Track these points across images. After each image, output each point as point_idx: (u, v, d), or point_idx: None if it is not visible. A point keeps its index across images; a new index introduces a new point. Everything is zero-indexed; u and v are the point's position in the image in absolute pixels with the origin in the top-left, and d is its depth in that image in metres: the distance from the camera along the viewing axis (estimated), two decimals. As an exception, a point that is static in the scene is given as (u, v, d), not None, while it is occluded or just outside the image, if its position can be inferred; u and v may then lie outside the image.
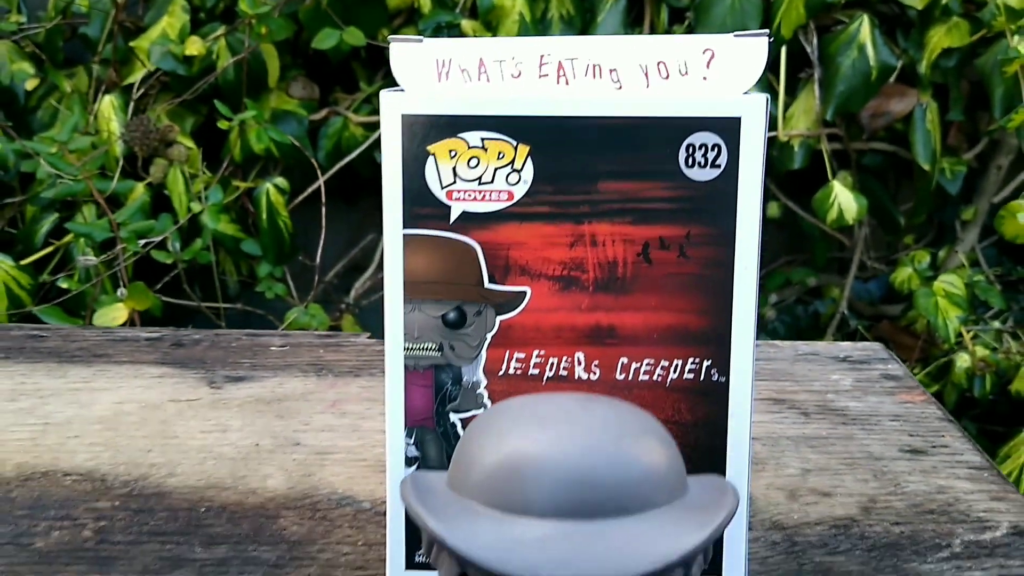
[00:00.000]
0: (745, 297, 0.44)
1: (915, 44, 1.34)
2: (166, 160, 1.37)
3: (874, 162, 1.48)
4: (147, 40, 1.39)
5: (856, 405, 0.69)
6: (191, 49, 1.35)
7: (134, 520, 0.54)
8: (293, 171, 1.48)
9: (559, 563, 0.30)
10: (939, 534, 0.53)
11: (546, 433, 0.33)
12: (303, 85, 1.47)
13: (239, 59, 1.35)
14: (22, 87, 1.48)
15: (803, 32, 1.38)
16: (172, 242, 1.30)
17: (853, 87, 1.33)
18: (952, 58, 1.33)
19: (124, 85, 1.44)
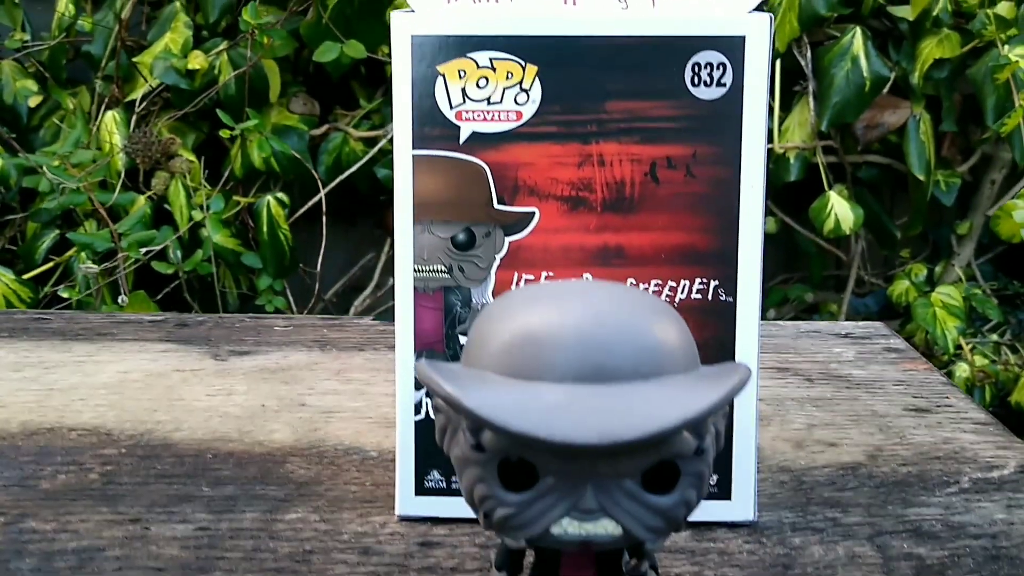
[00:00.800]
0: (751, 216, 0.44)
1: (907, 56, 1.36)
2: (168, 172, 1.37)
3: (869, 175, 1.49)
4: (150, 55, 1.41)
5: (859, 372, 0.69)
6: (193, 63, 1.37)
7: (140, 465, 0.54)
8: (294, 187, 1.49)
9: (574, 423, 0.30)
10: (946, 473, 0.53)
11: (560, 306, 0.33)
12: (304, 101, 1.48)
13: (241, 72, 1.37)
14: (25, 106, 1.49)
15: (797, 45, 1.40)
16: (173, 250, 1.31)
17: (847, 98, 1.35)
18: (944, 69, 1.35)
19: (126, 102, 1.45)
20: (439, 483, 0.46)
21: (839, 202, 1.37)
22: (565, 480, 0.32)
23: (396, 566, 0.44)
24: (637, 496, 0.32)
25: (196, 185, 1.39)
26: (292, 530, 0.46)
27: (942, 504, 0.49)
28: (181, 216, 1.36)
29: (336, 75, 1.42)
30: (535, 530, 0.33)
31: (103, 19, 1.45)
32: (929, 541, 0.46)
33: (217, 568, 0.43)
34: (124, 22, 1.43)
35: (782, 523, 0.47)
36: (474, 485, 0.33)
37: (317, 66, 1.45)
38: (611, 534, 0.33)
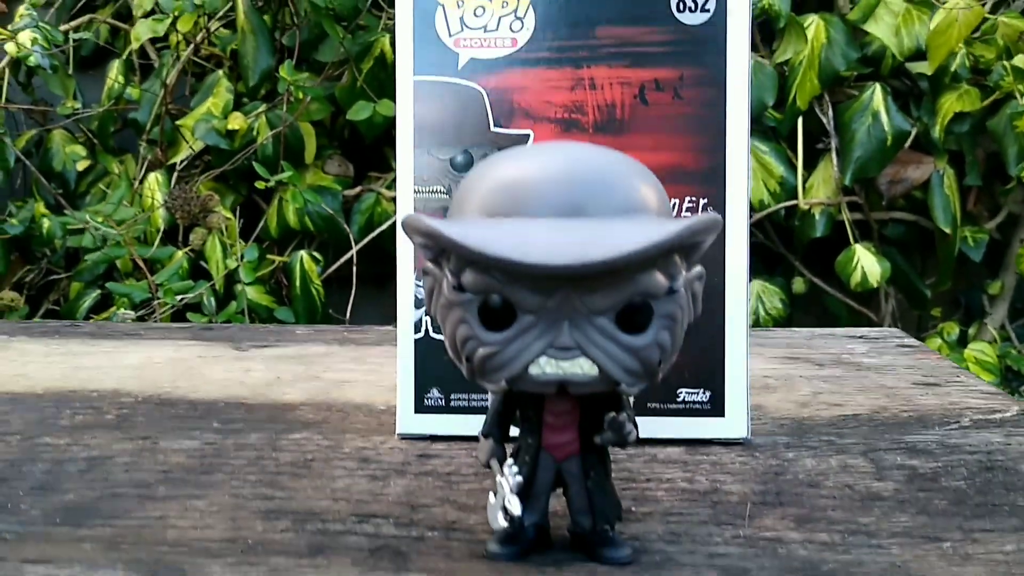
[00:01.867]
0: (737, 135, 0.46)
1: (927, 111, 1.39)
2: (205, 228, 1.42)
3: (896, 233, 1.50)
4: (192, 119, 1.47)
5: (871, 360, 0.70)
6: (233, 124, 1.43)
7: (155, 410, 0.55)
8: (328, 247, 1.53)
9: (548, 247, 0.32)
10: (948, 414, 0.53)
11: (541, 154, 0.35)
12: (339, 163, 1.53)
13: (278, 132, 1.43)
14: (74, 171, 1.56)
15: (818, 103, 1.43)
16: (207, 298, 1.34)
17: (869, 153, 1.37)
18: (965, 123, 1.37)
19: (169, 165, 1.51)
20: (438, 400, 0.47)
21: (865, 255, 1.38)
22: (543, 318, 0.33)
23: (394, 471, 0.44)
24: (611, 334, 0.33)
25: (232, 241, 1.44)
26: (295, 445, 0.48)
27: (939, 434, 0.49)
28: (217, 270, 1.40)
29: (370, 136, 1.48)
30: (514, 368, 0.34)
31: (150, 88, 1.53)
32: (923, 455, 0.46)
33: (219, 471, 0.45)
34: (170, 88, 1.50)
35: (776, 443, 0.48)
36: (456, 328, 0.34)
37: (352, 131, 1.50)
38: (587, 374, 0.34)
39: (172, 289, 1.33)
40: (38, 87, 1.61)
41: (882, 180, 1.43)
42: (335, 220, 1.47)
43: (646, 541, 0.38)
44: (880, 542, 0.38)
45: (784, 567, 0.36)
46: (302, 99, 1.37)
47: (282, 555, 0.36)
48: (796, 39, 1.38)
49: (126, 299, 1.36)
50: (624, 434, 0.35)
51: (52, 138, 1.60)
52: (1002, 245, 1.53)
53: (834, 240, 1.47)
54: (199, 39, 1.50)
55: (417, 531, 0.39)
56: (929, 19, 1.34)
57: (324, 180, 1.53)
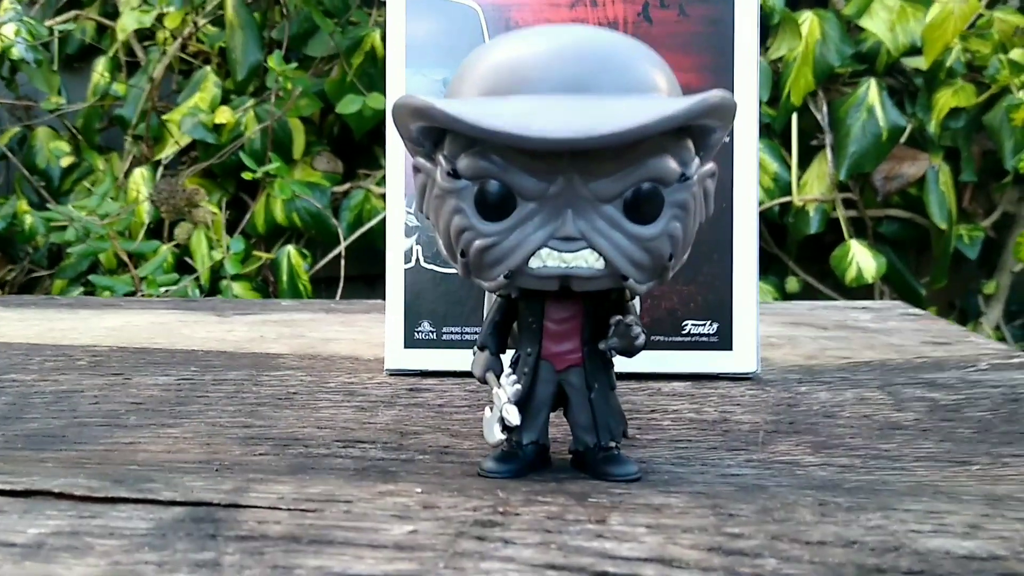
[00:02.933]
0: (746, 52, 0.44)
1: (923, 107, 1.37)
2: (191, 223, 1.39)
3: (890, 230, 1.48)
4: (179, 113, 1.45)
5: (876, 325, 0.67)
6: (220, 118, 1.40)
7: (130, 357, 0.52)
8: (315, 245, 1.50)
9: (549, 121, 0.29)
10: (965, 360, 0.51)
11: (544, 33, 0.32)
12: (327, 160, 1.51)
13: (266, 125, 1.40)
14: (58, 168, 1.53)
15: (812, 100, 1.42)
16: (192, 291, 1.31)
17: (864, 148, 1.35)
18: (960, 118, 1.36)
19: (154, 161, 1.49)
20: (429, 334, 0.45)
21: (860, 250, 1.36)
22: (544, 206, 0.31)
23: (382, 403, 0.42)
24: (618, 223, 0.31)
25: (218, 236, 1.41)
26: (277, 380, 0.45)
27: (961, 373, 0.47)
28: (202, 264, 1.38)
29: (359, 132, 1.46)
30: (514, 261, 0.31)
31: (137, 84, 1.50)
32: (943, 389, 0.43)
33: (195, 403, 0.42)
34: (156, 83, 1.47)
35: (787, 379, 0.45)
36: (451, 220, 0.32)
37: (341, 128, 1.48)
38: (592, 267, 0.31)
39: (156, 282, 1.30)
40: (22, 84, 1.59)
41: (877, 176, 1.42)
42: (323, 216, 1.45)
43: (652, 464, 0.35)
44: (904, 465, 0.35)
45: (803, 484, 0.33)
46: (291, 91, 1.34)
47: (259, 472, 0.33)
48: (791, 35, 1.37)
49: (109, 292, 1.33)
50: (632, 338, 0.33)
51: (36, 135, 1.57)
52: (997, 244, 1.51)
53: (827, 239, 1.45)
54: (187, 34, 1.48)
55: (406, 455, 0.36)
56: (924, 14, 1.33)
57: (313, 176, 1.50)
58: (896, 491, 0.32)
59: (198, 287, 1.34)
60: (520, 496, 0.30)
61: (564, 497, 0.30)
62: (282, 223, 1.43)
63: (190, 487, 0.30)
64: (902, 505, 0.30)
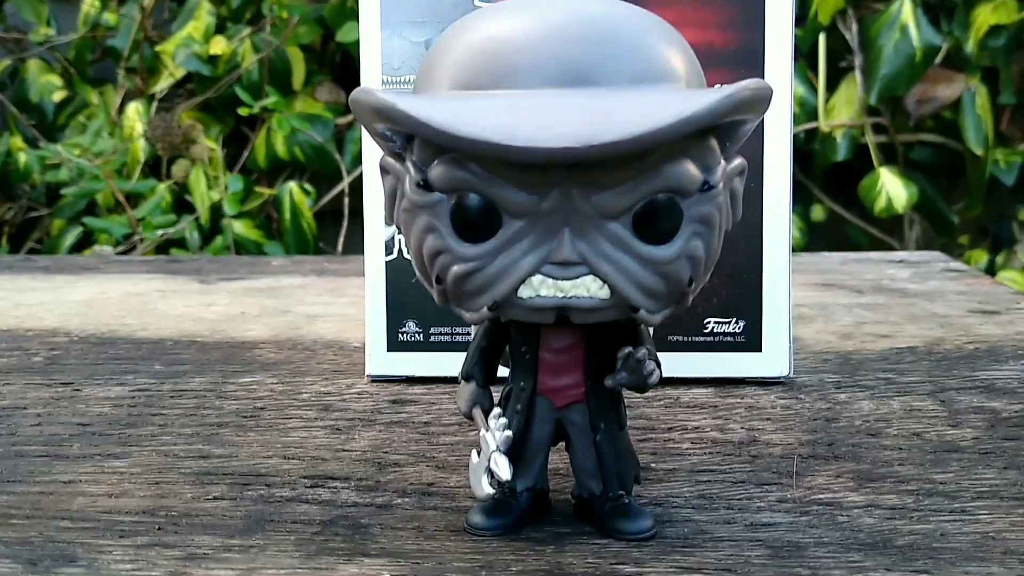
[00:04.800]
0: (780, 6, 0.37)
1: (960, 25, 1.28)
2: (188, 160, 1.34)
3: (922, 156, 1.40)
4: (173, 44, 1.37)
5: (916, 286, 0.61)
6: (215, 48, 1.33)
7: (91, 350, 0.47)
8: (319, 179, 1.44)
9: (540, 126, 0.23)
10: (1021, 346, 0.45)
11: (531, 7, 0.26)
12: (329, 90, 1.44)
13: (263, 56, 1.33)
14: (51, 103, 1.47)
15: (842, 19, 1.33)
16: (190, 232, 1.26)
17: (897, 70, 1.27)
18: (1001, 36, 1.27)
19: (150, 94, 1.42)
20: (415, 335, 0.39)
21: (891, 179, 1.29)
22: (536, 224, 0.25)
23: (360, 420, 0.37)
24: (627, 244, 0.25)
25: (217, 173, 1.35)
26: (244, 391, 0.40)
27: (1018, 369, 0.41)
28: (202, 203, 1.32)
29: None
30: (500, 291, 0.26)
31: (128, 13, 1.43)
32: (1003, 396, 0.38)
33: (149, 423, 0.37)
34: (148, 12, 1.40)
35: (824, 382, 0.40)
36: (424, 239, 0.26)
37: (344, 56, 1.41)
38: (595, 296, 0.26)
39: (153, 224, 1.25)
40: (10, 14, 1.52)
41: (910, 99, 1.34)
42: (326, 150, 1.38)
43: (670, 507, 0.30)
44: (963, 506, 0.30)
45: (848, 540, 0.28)
46: (287, 20, 1.27)
47: (208, 532, 0.28)
48: (818, -53, 1.28)
49: (105, 234, 1.28)
50: (644, 375, 0.27)
51: (27, 68, 1.51)
52: (1035, 169, 1.44)
53: (855, 166, 1.38)
54: (177, -42, 1.40)
55: (383, 497, 0.31)
56: (964, -78, 1.24)
57: (314, 108, 1.43)
58: (958, 551, 0.27)
59: (197, 227, 1.29)
60: (509, 583, 0.25)
61: (563, 584, 0.25)
62: (284, 157, 1.37)
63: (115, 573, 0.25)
64: (970, 584, 0.25)
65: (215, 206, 1.33)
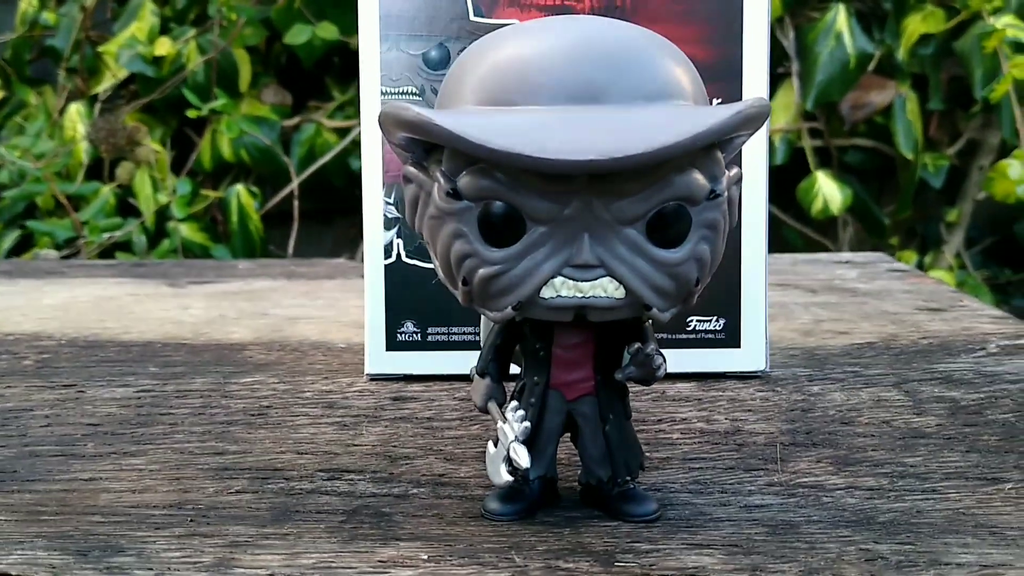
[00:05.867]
0: (755, 21, 0.40)
1: (891, 33, 1.34)
2: (133, 162, 1.33)
3: (856, 160, 1.46)
4: (115, 45, 1.36)
5: (865, 286, 0.65)
6: (160, 50, 1.32)
7: (81, 353, 0.48)
8: (265, 182, 1.44)
9: (567, 140, 0.25)
10: (972, 341, 0.48)
11: (550, 31, 0.28)
12: (275, 92, 1.44)
13: (210, 58, 1.33)
14: (-14, 105, 1.45)
15: (780, 26, 1.38)
16: (137, 236, 1.25)
17: (832, 76, 1.32)
18: (930, 45, 1.32)
19: (91, 95, 1.41)
20: (413, 335, 0.41)
21: (827, 182, 1.33)
22: (557, 230, 0.27)
23: (366, 417, 0.38)
24: (641, 248, 0.27)
25: (162, 176, 1.34)
26: (247, 391, 0.41)
27: (973, 361, 0.45)
28: (147, 206, 1.31)
29: (309, 62, 1.39)
30: (524, 292, 0.28)
31: (68, 12, 1.41)
32: (962, 386, 0.41)
33: (159, 422, 0.38)
34: (89, 12, 1.39)
35: (797, 376, 0.42)
36: (451, 244, 0.28)
37: (289, 57, 1.41)
38: (611, 296, 0.28)
39: (99, 227, 1.24)
40: (-56, 12, 1.49)
41: (844, 105, 1.39)
42: (273, 152, 1.38)
43: (668, 492, 0.33)
44: (934, 486, 0.33)
45: (835, 518, 0.30)
46: (235, 21, 1.27)
47: (239, 523, 0.30)
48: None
49: (48, 238, 1.27)
50: (653, 368, 0.30)
51: (-39, 68, 1.48)
52: (960, 172, 1.50)
53: (789, 169, 1.42)
54: (120, -42, 1.39)
55: (399, 488, 0.33)
56: (894, -65, 1.29)
57: (260, 110, 1.43)
58: (935, 526, 0.30)
59: (144, 231, 1.28)
60: (539, 562, 0.27)
61: (587, 561, 0.27)
62: (229, 160, 1.36)
63: (166, 562, 0.27)
64: (949, 555, 0.28)
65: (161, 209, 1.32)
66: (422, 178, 0.29)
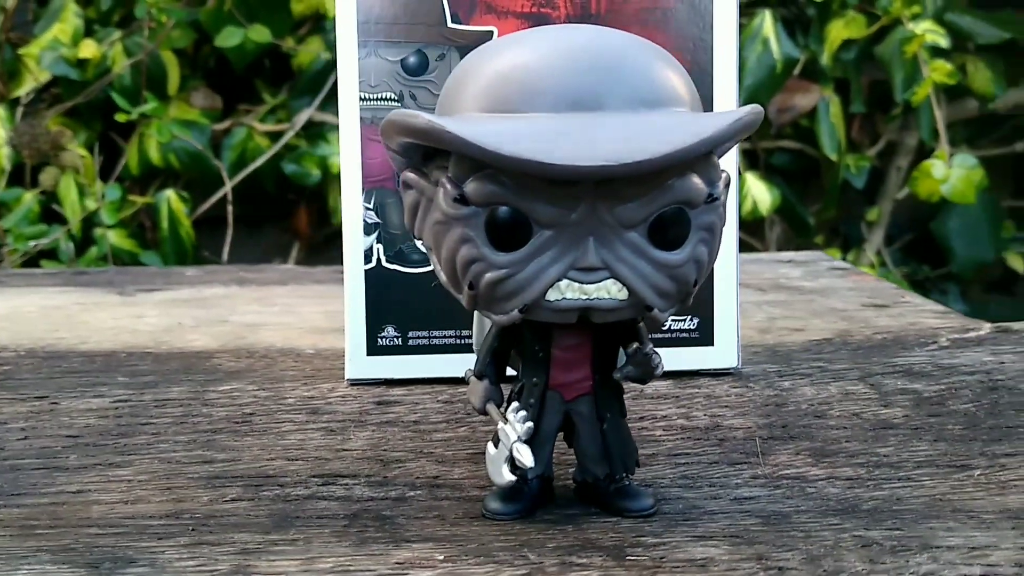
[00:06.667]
0: (725, 29, 0.41)
1: (816, 39, 1.38)
2: (57, 167, 1.29)
3: (782, 161, 1.50)
4: (37, 47, 1.33)
5: (810, 284, 0.67)
6: (85, 52, 1.29)
7: (43, 364, 0.47)
8: (195, 187, 1.42)
9: (577, 146, 0.26)
10: (923, 337, 0.50)
11: (548, 39, 0.29)
12: (205, 95, 1.42)
13: (137, 61, 1.30)
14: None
15: (706, 31, 1.41)
16: (64, 243, 1.22)
17: (759, 80, 1.35)
18: (852, 50, 1.37)
19: (12, 99, 1.37)
20: (394, 340, 0.41)
21: (756, 184, 1.37)
22: (563, 234, 0.28)
23: (352, 422, 0.38)
24: (643, 251, 0.28)
25: (89, 181, 1.31)
26: (227, 398, 0.41)
27: (928, 354, 0.47)
28: (73, 212, 1.28)
29: (240, 66, 1.37)
30: (530, 295, 0.28)
31: (-14, 12, 1.37)
32: (923, 379, 0.43)
33: (142, 433, 0.38)
34: (9, 12, 1.35)
35: (767, 372, 0.44)
36: (458, 249, 0.28)
37: (219, 61, 1.39)
38: (614, 298, 0.28)
39: (24, 235, 1.21)
40: None
41: (771, 108, 1.42)
42: (204, 157, 1.36)
43: (659, 488, 0.33)
44: (908, 474, 0.34)
45: (822, 507, 0.32)
46: (165, 23, 1.25)
47: (242, 530, 0.30)
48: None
49: (-30, 247, 1.23)
50: (651, 367, 0.30)
51: None
52: (880, 172, 1.55)
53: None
54: (40, -43, 1.36)
55: (396, 491, 0.33)
56: (816, -57, 1.32)
57: (190, 114, 1.41)
58: (917, 512, 0.31)
59: (70, 238, 1.25)
60: (552, 558, 0.28)
61: (600, 556, 0.28)
62: (158, 164, 1.34)
63: (181, 571, 0.27)
64: (937, 539, 0.29)
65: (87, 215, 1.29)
66: (422, 184, 0.30)
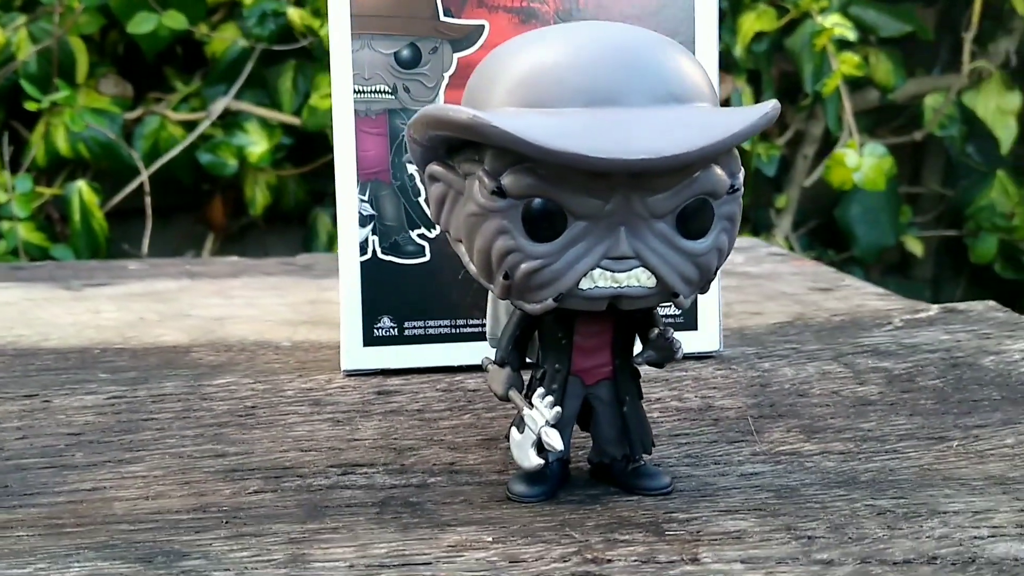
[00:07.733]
0: (706, 27, 0.43)
1: (729, 30, 1.42)
2: (-38, 159, 1.24)
3: (695, 150, 1.53)
4: (-64, 32, 1.27)
5: (755, 269, 0.70)
6: (-11, 38, 1.24)
7: (15, 363, 0.46)
8: (105, 178, 1.38)
9: (618, 141, 0.27)
10: (877, 319, 0.53)
11: (574, 36, 0.30)
12: (115, 83, 1.38)
13: (43, 47, 1.26)
14: None
15: (623, 22, 1.43)
16: (-27, 237, 1.17)
17: (674, 71, 1.38)
18: (763, 42, 1.41)
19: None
20: (390, 330, 0.42)
21: (672, 172, 1.40)
22: (597, 223, 0.29)
23: (356, 412, 0.39)
24: (671, 240, 0.30)
25: (-3, 173, 1.26)
26: (225, 392, 0.41)
27: (888, 335, 0.49)
28: (-21, 206, 1.23)
29: (151, 54, 1.33)
30: (565, 284, 0.29)
31: None
32: (890, 358, 0.45)
33: (146, 429, 0.37)
34: (-96, -4, 1.29)
35: (746, 354, 0.46)
36: (494, 240, 0.29)
37: (128, 48, 1.36)
38: (644, 285, 0.30)
39: (-72, 230, 1.16)
40: None
41: (685, 98, 1.45)
42: (115, 146, 1.33)
43: (667, 467, 0.35)
44: (894, 447, 0.37)
45: (824, 480, 0.33)
46: (75, 8, 1.21)
47: (276, 521, 0.30)
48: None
49: None
50: (673, 351, 0.32)
51: None
52: (787, 161, 1.60)
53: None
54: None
55: (416, 478, 0.34)
56: (728, -63, 1.36)
57: (99, 102, 1.37)
58: (912, 482, 0.33)
59: (-20, 237, 1.20)
60: (596, 536, 0.29)
61: (640, 532, 0.29)
62: (66, 155, 1.30)
63: (238, 562, 0.27)
64: (942, 506, 0.31)
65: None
66: (450, 177, 0.30)
